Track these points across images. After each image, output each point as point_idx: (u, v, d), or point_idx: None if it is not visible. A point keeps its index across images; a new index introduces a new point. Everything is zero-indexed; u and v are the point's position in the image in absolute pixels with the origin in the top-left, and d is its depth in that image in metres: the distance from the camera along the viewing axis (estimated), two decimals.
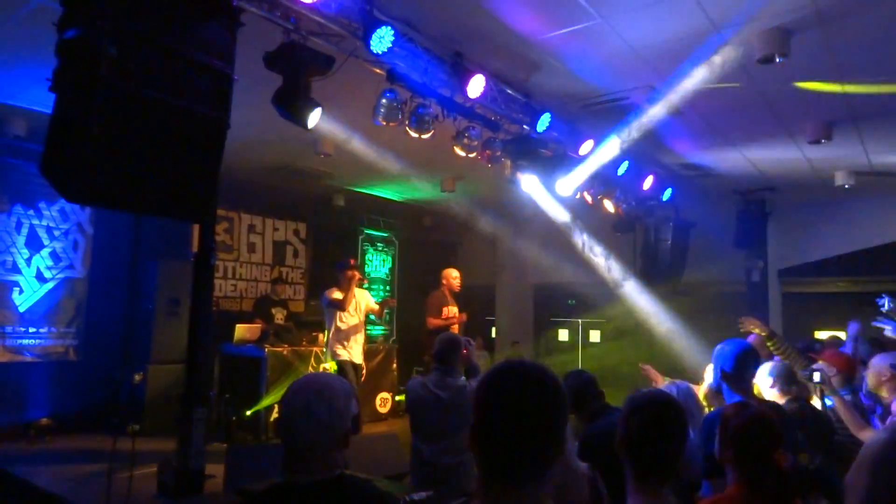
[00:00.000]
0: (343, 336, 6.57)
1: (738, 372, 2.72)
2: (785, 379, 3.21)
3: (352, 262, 6.83)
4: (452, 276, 6.93)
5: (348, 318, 6.63)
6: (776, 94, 5.20)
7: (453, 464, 3.51)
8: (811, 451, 2.76)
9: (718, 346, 2.85)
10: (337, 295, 6.53)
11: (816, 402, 3.33)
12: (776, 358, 3.61)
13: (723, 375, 2.75)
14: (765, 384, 3.25)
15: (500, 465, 1.18)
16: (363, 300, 6.86)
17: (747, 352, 2.80)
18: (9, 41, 4.51)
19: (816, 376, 3.08)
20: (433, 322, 6.76)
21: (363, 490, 1.72)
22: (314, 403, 1.64)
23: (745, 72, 4.71)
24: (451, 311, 6.84)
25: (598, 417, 2.97)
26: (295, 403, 1.67)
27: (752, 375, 2.87)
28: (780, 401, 3.12)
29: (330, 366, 6.75)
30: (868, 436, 2.74)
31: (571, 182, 6.18)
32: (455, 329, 6.61)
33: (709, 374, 3.31)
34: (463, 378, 3.69)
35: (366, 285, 7.11)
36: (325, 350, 6.71)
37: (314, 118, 3.91)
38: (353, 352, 6.60)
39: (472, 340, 3.96)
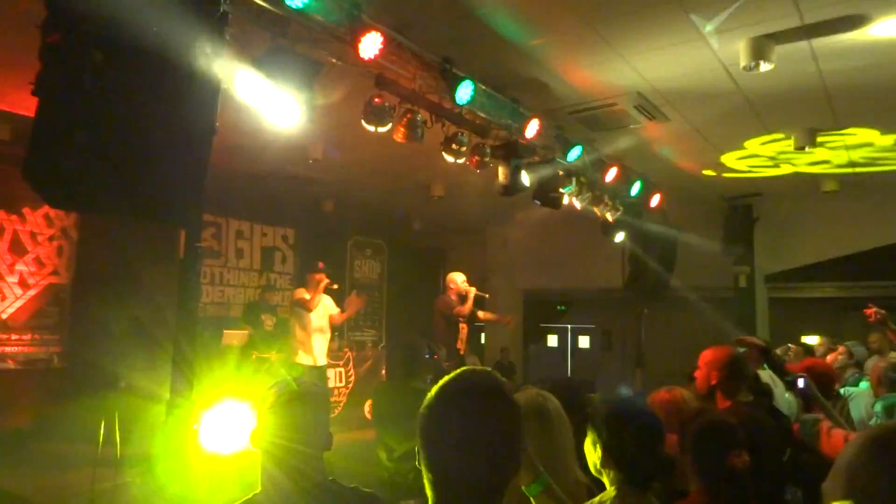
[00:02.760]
0: (305, 339, 6.55)
1: (731, 379, 2.72)
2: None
3: (320, 265, 6.81)
4: (459, 280, 6.95)
5: (314, 321, 6.60)
6: (762, 101, 5.25)
7: (414, 470, 3.50)
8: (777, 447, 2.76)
9: (709, 352, 2.83)
10: (304, 295, 6.50)
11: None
12: None
13: (718, 381, 2.73)
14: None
15: (452, 487, 1.12)
16: (329, 306, 6.85)
17: (738, 356, 2.80)
18: None
19: (801, 383, 3.07)
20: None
21: (351, 495, 1.73)
22: (297, 413, 1.64)
23: (732, 78, 4.75)
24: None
25: (586, 423, 2.96)
26: (278, 413, 1.65)
27: (743, 383, 2.85)
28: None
29: (288, 371, 6.67)
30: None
31: (560, 188, 6.20)
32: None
33: None
34: (428, 383, 3.74)
35: (336, 289, 7.05)
36: (284, 354, 6.69)
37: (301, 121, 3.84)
38: (317, 355, 6.61)
39: (439, 347, 4.04)
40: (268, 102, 3.79)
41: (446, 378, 1.19)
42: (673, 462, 1.73)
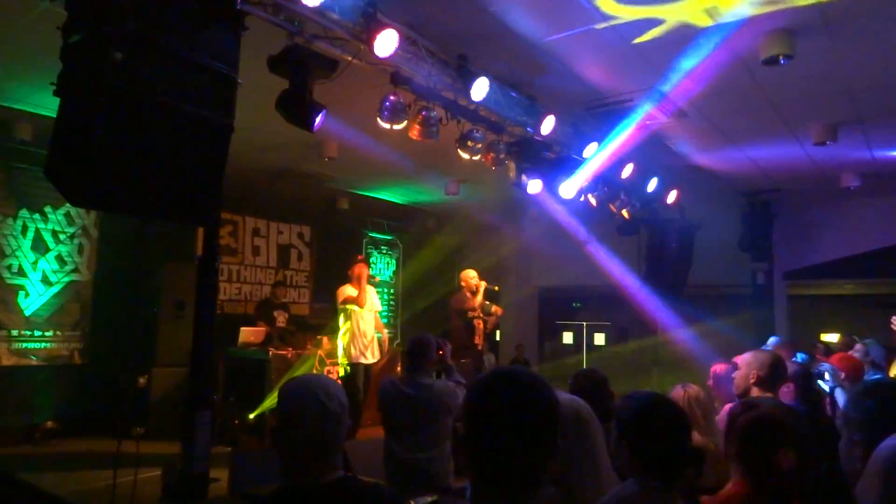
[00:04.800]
0: (360, 336, 6.42)
1: (770, 378, 2.76)
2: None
3: (360, 256, 6.74)
4: (470, 276, 6.97)
5: (364, 316, 6.47)
6: (781, 96, 5.19)
7: (423, 459, 3.64)
8: (817, 457, 2.73)
9: (750, 353, 2.92)
10: (351, 292, 6.42)
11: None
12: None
13: (757, 380, 2.75)
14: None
15: (489, 475, 1.16)
16: (375, 300, 6.77)
17: (779, 359, 2.85)
18: (15, 45, 4.53)
19: (827, 375, 3.09)
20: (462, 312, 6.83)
21: (369, 492, 1.70)
22: (309, 406, 1.62)
23: (750, 73, 4.69)
24: (478, 311, 6.91)
25: (609, 419, 2.94)
26: (290, 407, 1.65)
27: (782, 381, 2.90)
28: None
29: (340, 369, 6.70)
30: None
31: (575, 184, 6.17)
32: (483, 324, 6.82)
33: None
34: (434, 377, 3.85)
35: (375, 284, 7.03)
36: (338, 352, 6.58)
37: (318, 121, 3.91)
38: (367, 352, 6.48)
39: (447, 342, 4.10)
40: (284, 101, 3.82)
41: (488, 371, 1.27)
42: (703, 454, 1.72)
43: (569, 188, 6.09)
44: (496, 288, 7.07)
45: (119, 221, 7.60)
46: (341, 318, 6.65)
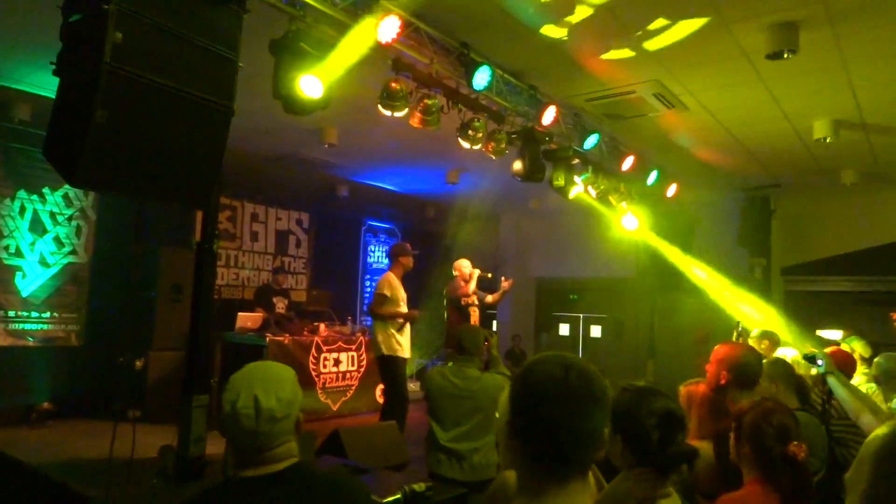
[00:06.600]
0: (401, 330, 6.01)
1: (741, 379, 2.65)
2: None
3: (408, 246, 6.34)
4: (463, 265, 6.96)
5: (403, 309, 6.08)
6: (782, 91, 5.17)
7: (470, 449, 3.69)
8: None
9: (722, 348, 2.77)
10: (395, 282, 6.01)
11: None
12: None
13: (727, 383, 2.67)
14: None
15: (542, 459, 1.15)
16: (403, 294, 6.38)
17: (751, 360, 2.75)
18: (14, 24, 4.50)
19: (820, 361, 3.01)
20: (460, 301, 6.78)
21: (323, 479, 1.67)
22: (243, 402, 1.56)
23: (753, 67, 4.68)
24: (472, 298, 6.86)
25: None
26: (224, 401, 1.60)
27: (754, 385, 2.78)
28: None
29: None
30: (866, 420, 2.71)
31: (575, 176, 6.16)
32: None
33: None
34: (481, 369, 3.86)
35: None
36: (378, 344, 6.14)
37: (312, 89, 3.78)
38: (405, 346, 6.10)
39: (494, 332, 4.09)
40: (284, 85, 3.79)
41: (537, 355, 1.25)
42: (696, 452, 1.71)
43: (568, 179, 6.08)
44: (489, 275, 7.04)
45: (117, 204, 7.58)
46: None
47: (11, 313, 6.88)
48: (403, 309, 6.07)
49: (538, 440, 1.15)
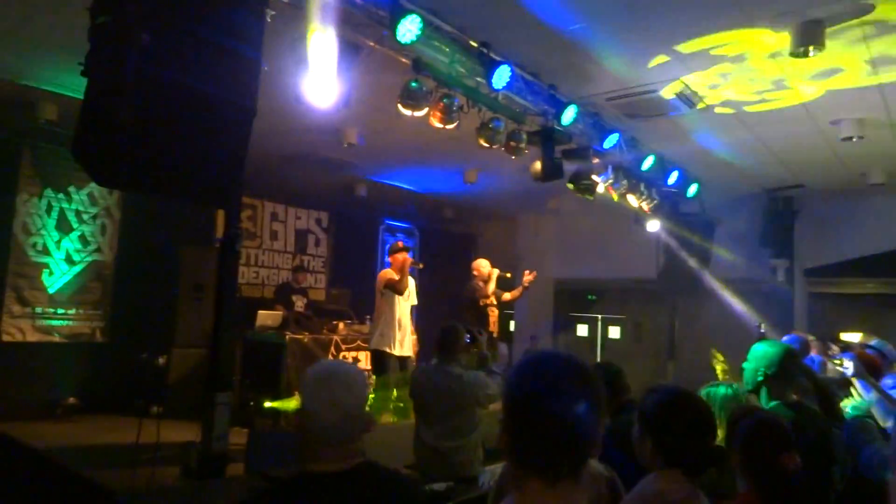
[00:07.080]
0: (390, 325, 6.14)
1: (781, 376, 2.58)
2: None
3: (400, 244, 6.57)
4: (482, 265, 6.96)
5: (400, 305, 6.22)
6: (807, 90, 5.09)
7: (453, 447, 3.69)
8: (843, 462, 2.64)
9: (760, 346, 2.68)
10: (393, 275, 6.17)
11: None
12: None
13: (764, 379, 2.59)
14: None
15: (533, 457, 1.15)
16: (412, 291, 6.55)
17: (792, 354, 2.66)
18: (41, 26, 4.58)
19: (849, 365, 2.94)
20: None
21: (389, 477, 1.71)
22: (337, 391, 1.63)
23: (778, 65, 4.61)
24: (491, 299, 6.88)
25: (623, 413, 2.82)
26: (318, 392, 1.65)
27: (795, 380, 2.69)
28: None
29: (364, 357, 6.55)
30: (891, 425, 2.65)
31: (595, 176, 6.13)
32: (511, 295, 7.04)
33: None
34: (464, 366, 3.89)
35: (421, 268, 6.78)
36: (370, 338, 6.27)
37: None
38: (404, 344, 6.19)
39: (482, 331, 4.10)
40: (307, 85, 3.82)
41: (528, 353, 1.27)
42: (724, 453, 1.69)
43: (589, 179, 6.05)
44: (508, 275, 7.03)
45: (140, 203, 7.69)
46: (378, 305, 6.34)
47: (39, 310, 7.02)
48: (412, 301, 6.44)
49: (529, 439, 1.15)
